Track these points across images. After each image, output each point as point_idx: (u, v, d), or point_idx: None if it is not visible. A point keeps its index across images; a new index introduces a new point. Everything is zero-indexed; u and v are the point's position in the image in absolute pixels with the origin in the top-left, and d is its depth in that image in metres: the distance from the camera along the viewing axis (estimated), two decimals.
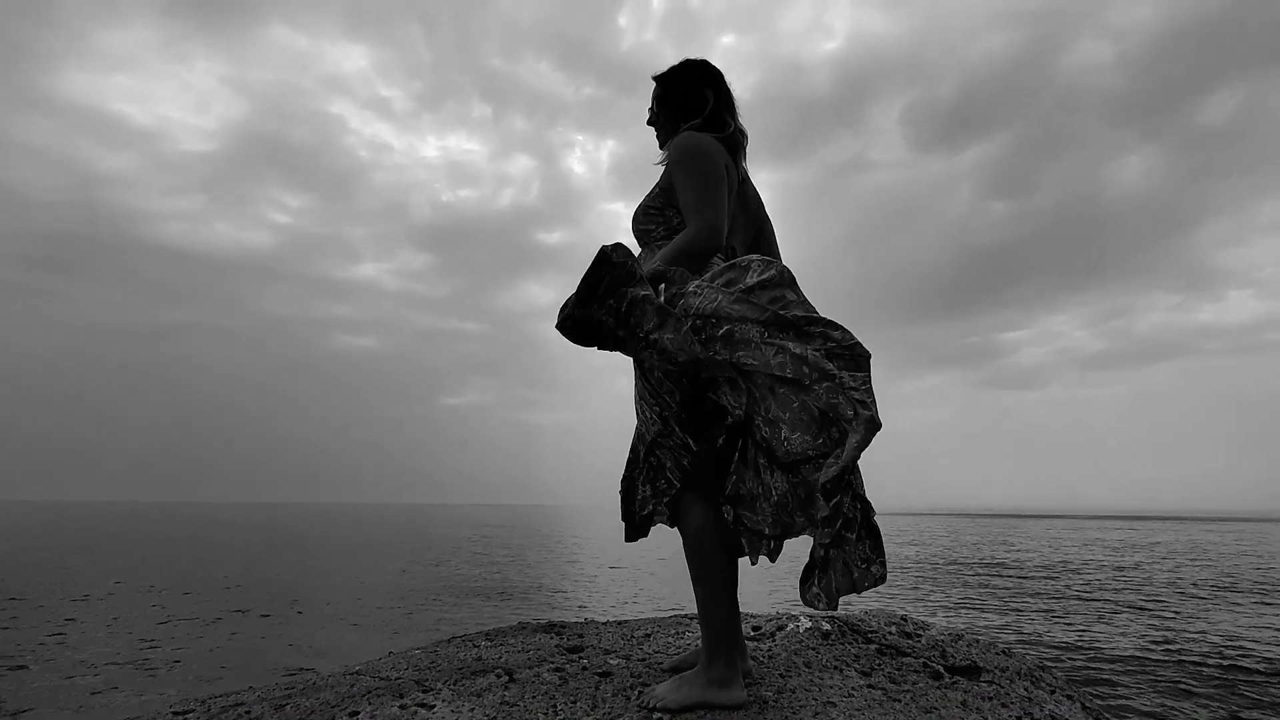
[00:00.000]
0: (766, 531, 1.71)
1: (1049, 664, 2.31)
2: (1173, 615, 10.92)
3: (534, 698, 1.86)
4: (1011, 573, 17.73)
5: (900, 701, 1.80)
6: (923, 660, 2.08)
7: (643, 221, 1.99)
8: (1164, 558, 23.10)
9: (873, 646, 2.19)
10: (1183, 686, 6.74)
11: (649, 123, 2.13)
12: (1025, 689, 1.96)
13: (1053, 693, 2.00)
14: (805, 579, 1.69)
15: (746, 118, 2.08)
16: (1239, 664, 7.62)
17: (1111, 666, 7.54)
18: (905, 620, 2.39)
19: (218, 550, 25.41)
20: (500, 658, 2.30)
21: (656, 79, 2.10)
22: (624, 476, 1.92)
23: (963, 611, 11.23)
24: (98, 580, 15.00)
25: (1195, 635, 9.26)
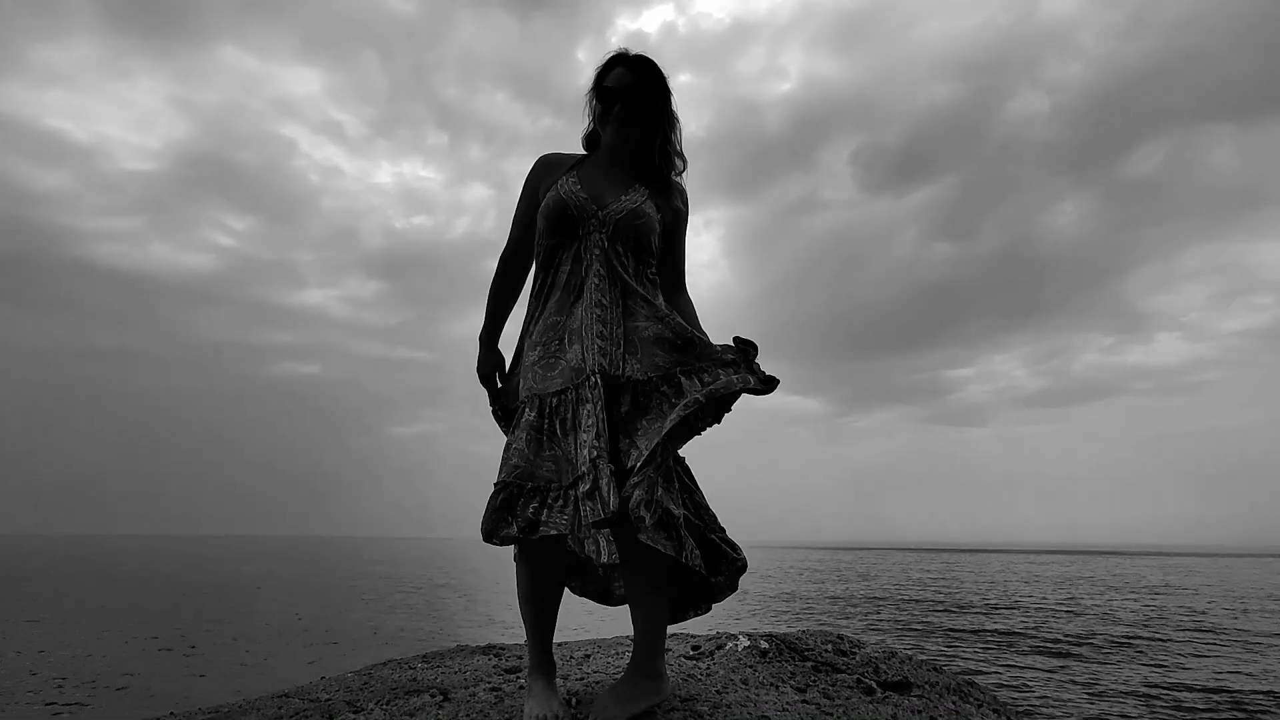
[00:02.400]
0: None
1: (978, 680, 2.37)
2: (1103, 645, 11.24)
3: (468, 717, 1.83)
4: (952, 604, 18.04)
5: (833, 716, 1.83)
6: (856, 676, 2.12)
7: (649, 261, 1.88)
8: (1100, 591, 23.81)
9: (808, 664, 2.22)
10: (1111, 712, 6.94)
11: (631, 103, 1.83)
12: (953, 703, 2.01)
13: (980, 707, 2.05)
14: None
15: (706, 154, 1.97)
16: (1169, 694, 7.88)
17: (1042, 689, 7.72)
18: (841, 639, 2.44)
19: (146, 583, 24.20)
20: (436, 679, 2.26)
21: (657, 85, 1.83)
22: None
23: (905, 638, 11.37)
24: (13, 614, 14.12)
25: (1123, 665, 9.55)
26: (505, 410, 1.94)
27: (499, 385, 1.98)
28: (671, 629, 1.97)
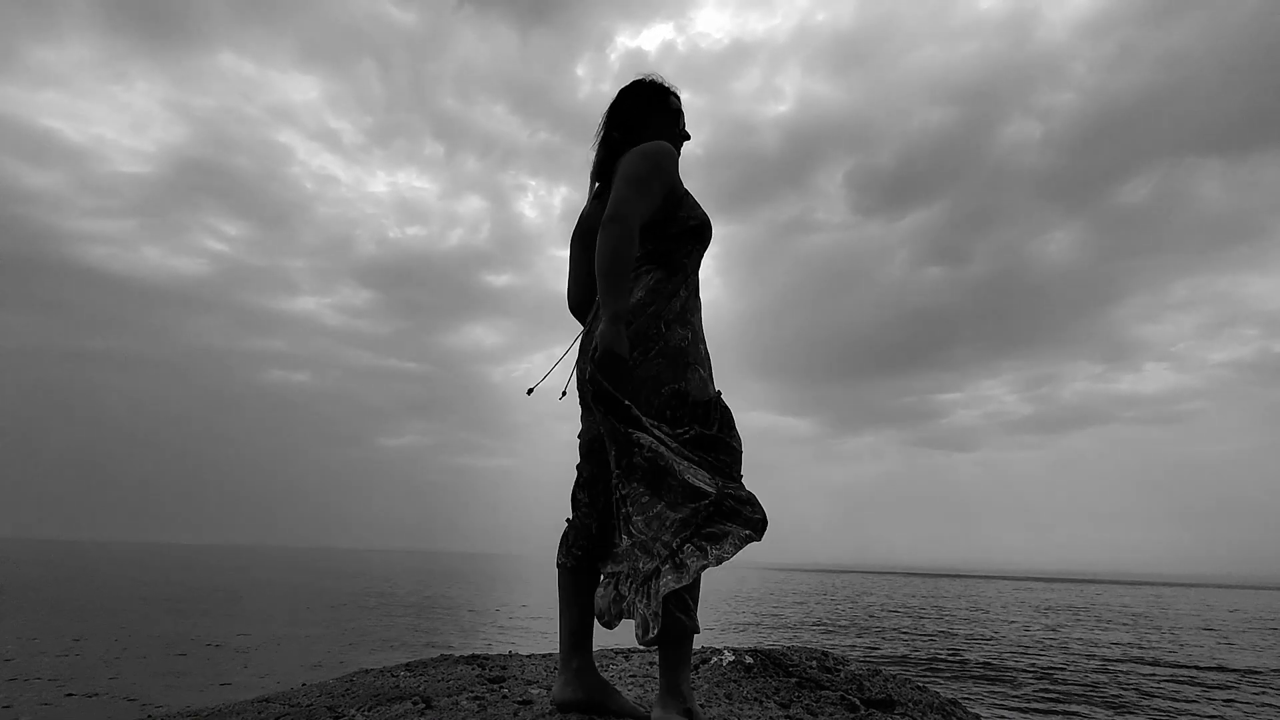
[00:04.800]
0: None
1: (961, 700, 2.38)
2: (1085, 674, 11.24)
3: None
4: (936, 631, 18.01)
5: None
6: (840, 693, 2.12)
7: None
8: (1083, 620, 23.82)
9: (793, 680, 2.22)
10: None
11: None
12: None
13: None
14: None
15: (701, 172, 2.08)
16: None
17: (1023, 719, 7.71)
18: (826, 656, 2.44)
19: (128, 589, 23.88)
20: (419, 687, 2.24)
21: None
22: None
23: (890, 665, 11.33)
24: None
25: (1105, 695, 9.55)
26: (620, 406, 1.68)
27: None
28: None
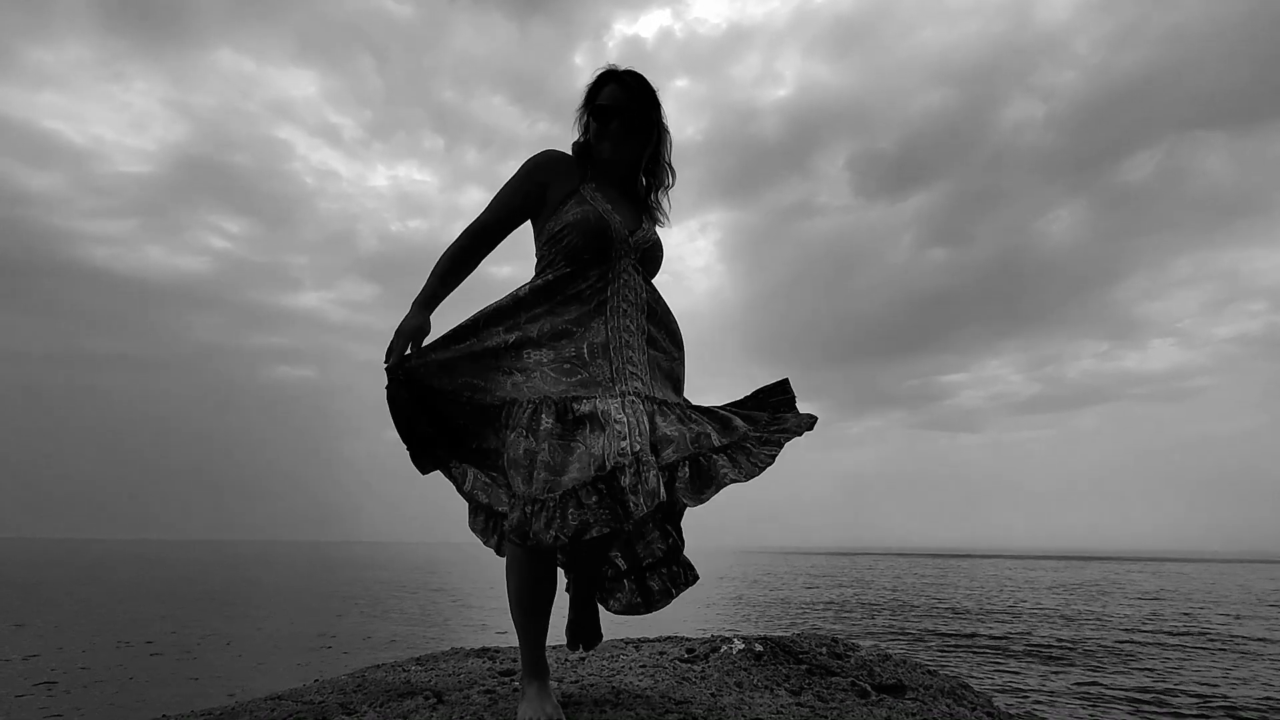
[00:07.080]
0: None
1: (972, 685, 2.37)
2: (1096, 651, 11.26)
3: (461, 719, 1.83)
4: (946, 610, 18.06)
5: (826, 718, 1.83)
6: (850, 679, 2.12)
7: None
8: (1093, 596, 23.86)
9: (803, 667, 2.22)
10: (1105, 717, 6.96)
11: (628, 121, 1.89)
12: (948, 706, 2.01)
13: (974, 710, 2.06)
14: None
15: (702, 159, 2.02)
16: (1163, 699, 7.90)
17: (1036, 695, 7.73)
18: (835, 642, 2.44)
19: (138, 588, 24.07)
20: (430, 681, 2.25)
21: (650, 100, 1.90)
22: None
23: (899, 643, 11.37)
24: (3, 618, 14.01)
25: (1117, 670, 9.57)
26: (409, 377, 1.80)
27: (413, 351, 1.84)
28: (665, 631, 1.98)
